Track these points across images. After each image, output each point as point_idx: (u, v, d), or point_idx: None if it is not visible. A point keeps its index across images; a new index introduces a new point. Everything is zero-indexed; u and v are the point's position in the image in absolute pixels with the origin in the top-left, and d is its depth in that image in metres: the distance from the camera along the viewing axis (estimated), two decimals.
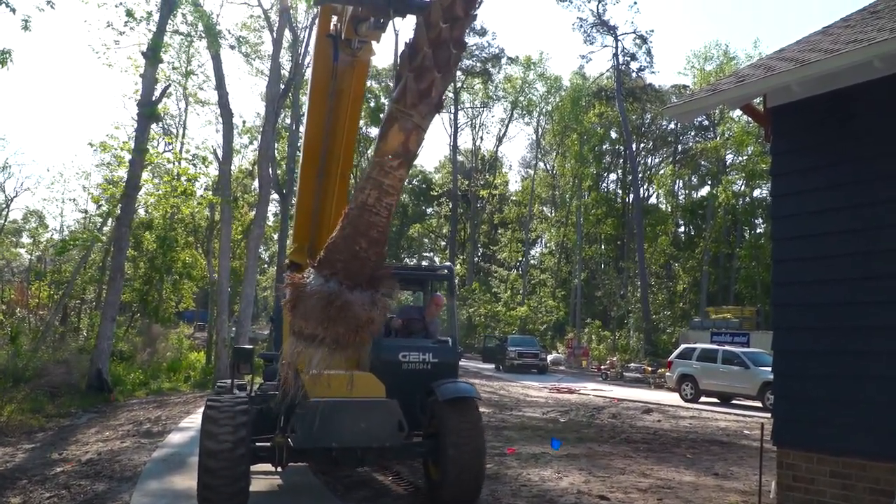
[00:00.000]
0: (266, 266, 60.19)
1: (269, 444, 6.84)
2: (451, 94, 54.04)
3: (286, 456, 6.75)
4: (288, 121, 34.14)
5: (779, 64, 6.65)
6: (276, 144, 31.08)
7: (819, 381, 6.30)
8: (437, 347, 7.91)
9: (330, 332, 4.20)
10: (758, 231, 50.22)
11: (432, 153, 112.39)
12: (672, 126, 55.07)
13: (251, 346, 8.41)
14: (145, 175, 24.01)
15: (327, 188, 7.79)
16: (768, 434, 6.91)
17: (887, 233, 5.92)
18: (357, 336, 4.28)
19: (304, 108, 8.16)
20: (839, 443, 6.07)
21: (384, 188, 4.26)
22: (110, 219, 28.19)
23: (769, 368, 12.58)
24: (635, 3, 79.57)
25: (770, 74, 6.38)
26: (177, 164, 27.56)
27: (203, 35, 22.54)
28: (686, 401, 22.29)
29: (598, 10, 50.19)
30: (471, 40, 54.03)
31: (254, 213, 27.07)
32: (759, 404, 20.27)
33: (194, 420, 12.49)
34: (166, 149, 33.19)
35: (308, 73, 35.48)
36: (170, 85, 25.42)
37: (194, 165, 25.21)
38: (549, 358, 38.52)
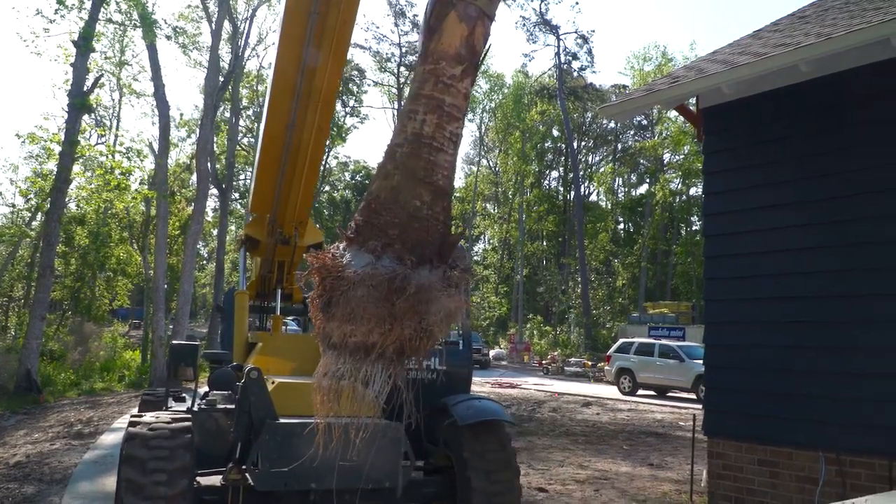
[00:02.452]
0: (205, 262, 58.81)
1: (219, 483, 5.05)
2: (394, 90, 53.83)
3: (243, 500, 4.93)
4: (227, 114, 33.44)
5: (710, 66, 6.86)
6: (215, 138, 30.40)
7: (747, 374, 6.55)
8: (446, 351, 6.39)
9: (394, 337, 2.64)
10: (693, 228, 51.75)
11: (375, 148, 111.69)
12: (612, 125, 56.19)
13: (195, 343, 6.50)
14: (77, 168, 23.12)
15: (301, 130, 6.14)
16: (700, 425, 7.14)
17: (811, 230, 6.18)
18: (429, 340, 2.73)
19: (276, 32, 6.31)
20: (766, 433, 6.32)
21: (445, 109, 2.82)
22: (39, 213, 27.08)
23: (702, 361, 13.00)
24: (577, 3, 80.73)
25: (701, 76, 6.58)
26: (110, 157, 26.65)
27: (138, 24, 21.83)
28: (624, 394, 22.84)
29: (540, 9, 50.79)
30: (413, 37, 53.94)
31: (192, 208, 26.42)
32: (693, 396, 20.92)
33: (131, 416, 12.11)
34: (99, 141, 32.04)
35: (248, 65, 34.65)
36: (102, 75, 24.59)
37: (129, 159, 24.43)
38: (492, 353, 38.85)
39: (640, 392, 23.09)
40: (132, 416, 5.05)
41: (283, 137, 6.28)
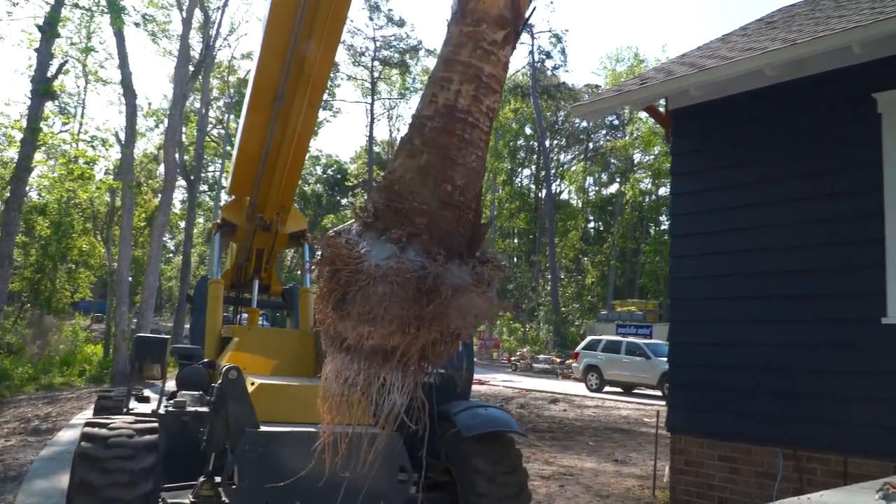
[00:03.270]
0: (171, 255, 57.97)
1: (188, 500, 4.46)
2: (368, 84, 53.59)
3: None
4: (197, 104, 32.97)
5: (679, 68, 6.94)
6: (184, 129, 29.94)
7: (708, 371, 6.65)
8: None
9: (419, 342, 2.31)
10: (662, 227, 52.41)
11: (348, 143, 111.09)
12: (584, 124, 56.59)
13: (164, 336, 5.85)
14: (39, 156, 22.60)
15: (287, 118, 5.78)
16: (664, 421, 7.24)
17: (770, 232, 6.29)
18: (455, 344, 2.44)
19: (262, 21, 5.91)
20: (726, 429, 6.43)
21: (483, 80, 2.41)
22: None
23: (667, 359, 13.18)
24: (551, 2, 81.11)
25: (670, 78, 6.65)
26: (74, 145, 26.10)
27: (105, 10, 21.39)
28: (591, 390, 23.06)
29: None
30: (388, 31, 53.78)
31: (159, 199, 26.00)
32: (659, 393, 21.20)
33: (88, 416, 11.91)
34: (63, 129, 31.34)
35: (219, 56, 34.14)
36: (67, 61, 24.03)
37: (93, 147, 23.91)
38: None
39: (608, 389, 23.35)
40: (87, 425, 4.38)
41: (270, 110, 5.84)
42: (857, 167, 5.77)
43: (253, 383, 4.70)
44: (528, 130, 58.20)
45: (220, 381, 4.44)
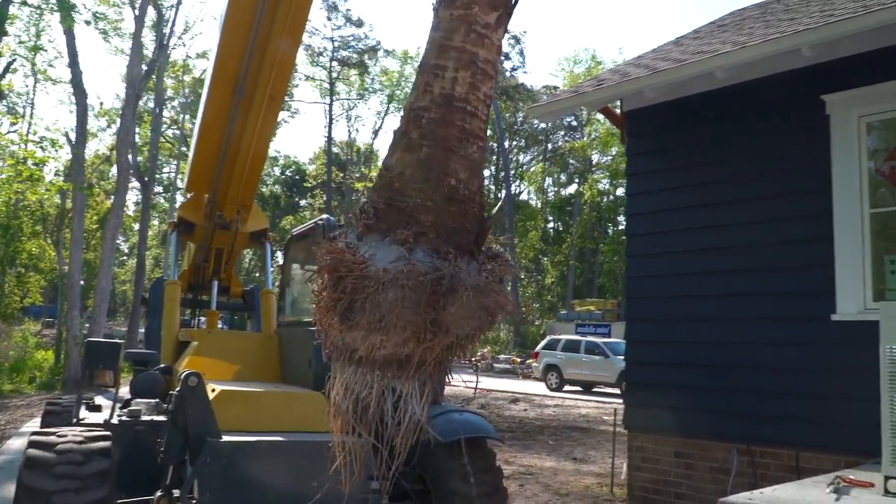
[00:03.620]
0: (125, 258, 56.66)
1: None
2: (326, 84, 53.16)
3: None
4: (151, 104, 32.27)
5: (634, 70, 7.03)
6: (137, 129, 29.28)
7: (664, 369, 6.75)
8: None
9: (436, 347, 2.14)
10: (620, 227, 53.14)
11: (306, 144, 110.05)
12: (543, 125, 57.08)
13: (117, 341, 5.60)
14: None
15: (248, 111, 5.64)
16: (621, 419, 7.32)
17: (723, 232, 6.42)
18: (470, 346, 2.31)
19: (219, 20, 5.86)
20: (682, 426, 6.53)
21: (479, 65, 2.29)
22: None
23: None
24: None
25: (625, 80, 6.74)
26: (23, 146, 25.31)
27: (56, 8, 20.79)
28: (551, 390, 23.25)
29: None
30: (346, 31, 53.45)
31: (111, 201, 25.38)
32: (617, 391, 21.49)
33: (38, 424, 11.54)
34: (10, 129, 30.40)
35: (174, 55, 33.49)
36: (15, 59, 23.31)
37: (43, 148, 23.22)
38: None
39: (567, 388, 23.56)
40: (34, 435, 4.16)
41: (230, 102, 5.63)
42: (809, 167, 5.90)
43: (214, 390, 4.44)
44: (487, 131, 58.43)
45: (178, 388, 4.16)
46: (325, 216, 5.42)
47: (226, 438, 4.02)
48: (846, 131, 5.70)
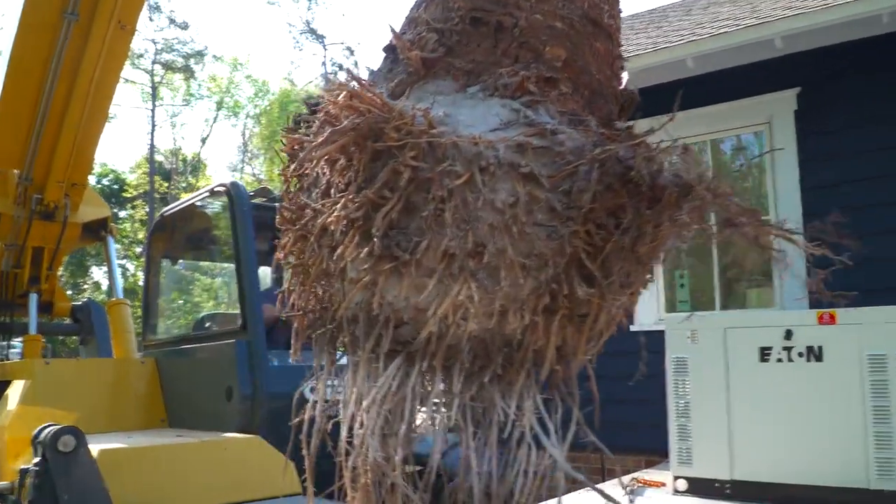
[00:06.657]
0: None
1: None
2: (148, 88, 49.98)
3: None
4: None
5: None
6: None
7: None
8: None
9: (603, 309, 1.30)
10: None
11: (126, 152, 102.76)
12: None
13: None
14: None
15: (84, 44, 4.13)
16: None
17: None
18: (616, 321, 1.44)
19: None
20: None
21: None
22: None
23: None
24: (343, 15, 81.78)
25: None
26: None
27: None
28: None
29: (307, 17, 50.49)
30: (171, 33, 50.68)
31: None
32: None
33: None
34: None
35: None
36: None
37: None
38: None
39: None
40: None
41: (56, 30, 4.10)
42: None
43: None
44: None
45: (37, 458, 2.72)
46: (227, 181, 3.99)
47: None
48: None
